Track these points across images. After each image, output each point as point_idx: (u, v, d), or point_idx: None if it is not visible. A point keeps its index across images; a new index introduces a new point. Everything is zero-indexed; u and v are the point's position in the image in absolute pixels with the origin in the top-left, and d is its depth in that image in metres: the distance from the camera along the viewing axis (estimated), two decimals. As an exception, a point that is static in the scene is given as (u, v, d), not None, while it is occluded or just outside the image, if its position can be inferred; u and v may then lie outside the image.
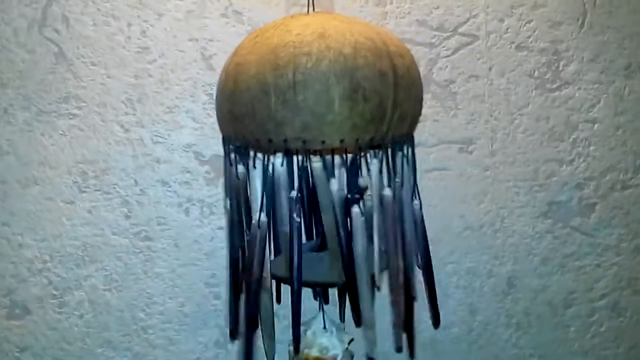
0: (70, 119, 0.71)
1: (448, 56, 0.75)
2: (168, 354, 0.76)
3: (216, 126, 0.73)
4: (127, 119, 0.72)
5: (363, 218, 0.50)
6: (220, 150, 0.74)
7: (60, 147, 0.72)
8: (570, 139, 0.79)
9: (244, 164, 0.52)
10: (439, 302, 0.61)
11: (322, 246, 0.59)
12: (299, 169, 0.52)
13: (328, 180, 0.49)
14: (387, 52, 0.47)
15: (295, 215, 0.48)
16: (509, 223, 0.79)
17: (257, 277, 0.50)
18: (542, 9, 0.76)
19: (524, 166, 0.78)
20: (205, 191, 0.74)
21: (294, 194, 0.49)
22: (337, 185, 0.49)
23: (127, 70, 0.71)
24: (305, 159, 0.49)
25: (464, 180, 0.78)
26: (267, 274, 0.51)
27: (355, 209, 0.50)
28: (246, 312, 0.52)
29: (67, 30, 0.70)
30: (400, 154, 0.52)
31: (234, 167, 0.53)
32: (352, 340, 0.62)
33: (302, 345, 0.57)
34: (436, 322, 0.60)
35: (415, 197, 0.55)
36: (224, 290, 0.76)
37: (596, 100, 0.78)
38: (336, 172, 0.52)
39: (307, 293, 0.70)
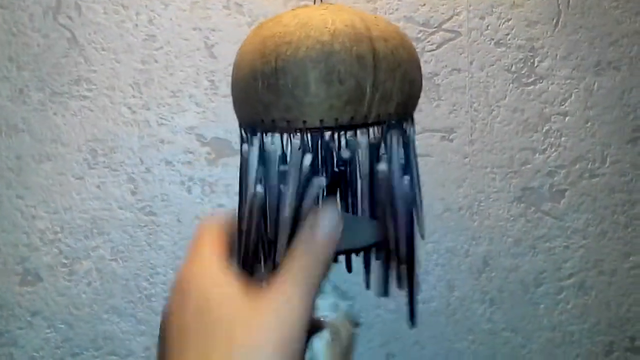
0: (81, 100, 0.77)
1: (432, 50, 0.81)
2: (169, 320, 0.82)
3: (217, 110, 0.79)
4: (134, 101, 0.78)
5: (320, 189, 0.54)
6: (220, 133, 0.79)
7: (72, 126, 0.77)
8: (544, 130, 0.85)
9: (247, 143, 0.58)
10: (420, 279, 0.66)
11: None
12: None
13: (303, 155, 0.54)
14: (369, 37, 0.51)
15: (282, 186, 0.53)
16: (486, 206, 0.86)
17: (254, 241, 0.56)
18: (519, 8, 0.81)
19: (501, 154, 0.85)
20: (207, 171, 0.80)
21: (283, 168, 0.54)
22: (310, 160, 0.54)
23: (134, 56, 0.77)
24: (291, 137, 0.54)
25: (445, 166, 0.84)
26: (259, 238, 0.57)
27: (314, 181, 0.54)
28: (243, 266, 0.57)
29: (79, 17, 0.75)
30: (390, 132, 0.57)
31: (240, 146, 0.58)
32: (351, 305, 0.66)
33: None
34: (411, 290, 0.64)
35: (407, 174, 0.59)
36: (221, 262, 0.82)
37: (568, 94, 0.84)
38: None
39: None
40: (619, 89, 0.85)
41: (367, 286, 0.71)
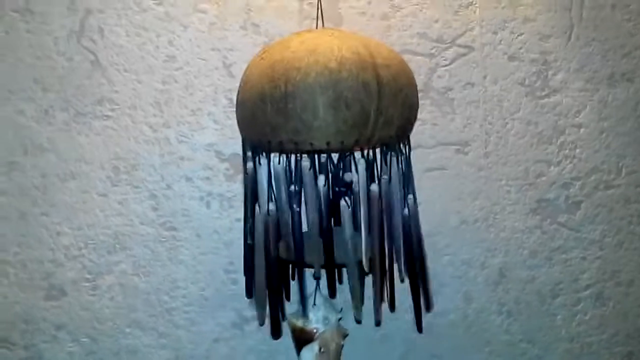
0: (104, 120, 0.79)
1: (446, 65, 0.82)
2: (190, 334, 0.84)
3: (235, 127, 0.80)
4: (155, 120, 0.80)
5: (350, 209, 0.57)
6: (238, 149, 0.81)
7: (95, 145, 0.79)
8: (558, 142, 0.85)
9: (252, 162, 0.60)
10: (436, 291, 0.67)
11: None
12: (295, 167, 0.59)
13: (316, 177, 0.56)
14: (373, 64, 0.53)
15: (295, 205, 0.56)
16: (501, 218, 0.86)
17: (275, 258, 0.58)
18: (532, 22, 0.82)
19: (515, 166, 0.85)
20: (225, 186, 0.81)
21: (294, 187, 0.56)
22: (324, 181, 0.56)
23: (155, 77, 0.79)
24: (298, 158, 0.56)
25: (460, 179, 0.84)
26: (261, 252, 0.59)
27: (342, 202, 0.57)
28: (267, 284, 0.59)
29: (102, 40, 0.78)
30: (390, 153, 0.59)
31: (245, 164, 0.61)
32: (340, 318, 0.68)
33: (292, 316, 0.65)
34: (427, 306, 0.65)
35: (409, 192, 0.60)
36: (240, 276, 0.82)
37: (582, 106, 0.85)
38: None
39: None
40: (633, 100, 0.86)
41: (361, 301, 0.72)
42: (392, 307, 0.62)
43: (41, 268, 0.81)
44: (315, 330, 0.65)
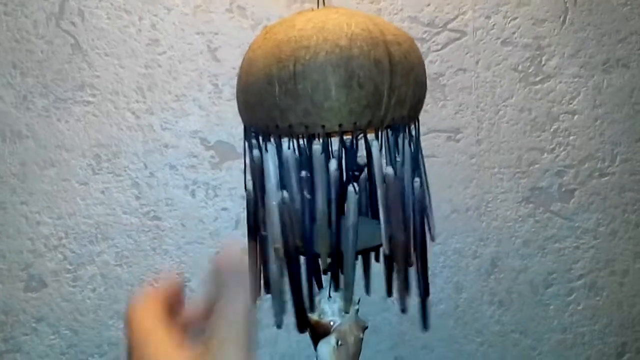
0: (85, 105, 0.77)
1: (438, 50, 0.80)
2: (174, 326, 0.82)
3: (221, 114, 0.78)
4: (137, 106, 0.77)
5: (357, 196, 0.55)
6: (224, 136, 0.79)
7: (76, 131, 0.77)
8: (552, 129, 0.84)
9: (259, 149, 0.57)
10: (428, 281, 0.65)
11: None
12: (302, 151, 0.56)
13: (327, 161, 0.53)
14: (384, 41, 0.51)
15: (306, 193, 0.53)
16: (493, 207, 0.85)
17: (294, 247, 0.55)
18: (526, 7, 0.81)
19: (508, 154, 0.84)
20: (210, 174, 0.79)
21: (305, 173, 0.53)
22: (335, 165, 0.54)
23: (138, 61, 0.76)
24: (309, 142, 0.53)
25: (452, 166, 0.83)
26: (278, 244, 0.56)
27: (350, 188, 0.54)
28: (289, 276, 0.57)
29: (82, 23, 0.75)
30: (402, 135, 0.56)
31: (251, 152, 0.57)
32: (357, 310, 0.66)
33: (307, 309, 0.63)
34: (425, 293, 0.63)
35: (417, 176, 0.58)
36: (226, 266, 0.81)
37: (576, 93, 0.83)
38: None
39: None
40: (629, 87, 0.84)
41: (367, 292, 0.71)
42: (423, 300, 0.61)
43: (20, 258, 0.78)
44: (331, 323, 0.63)
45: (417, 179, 0.57)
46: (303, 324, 0.59)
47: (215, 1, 0.76)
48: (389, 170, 0.54)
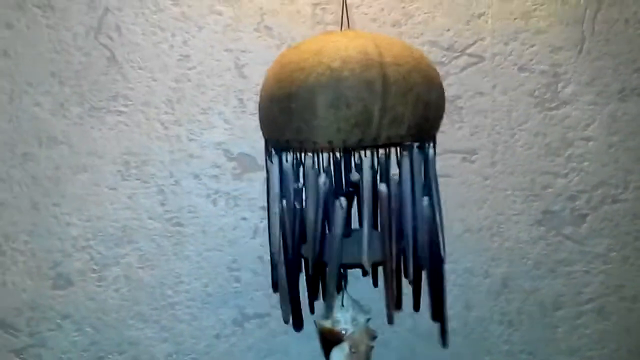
0: (118, 115, 0.81)
1: (456, 74, 0.83)
2: (191, 329, 0.85)
3: (244, 127, 0.82)
4: (166, 117, 0.81)
5: (343, 211, 0.58)
6: (246, 148, 0.82)
7: (108, 139, 0.81)
8: (566, 154, 0.85)
9: (268, 160, 0.62)
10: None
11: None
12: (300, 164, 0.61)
13: (317, 175, 0.58)
14: (380, 63, 0.54)
15: (296, 203, 0.57)
16: (506, 228, 0.86)
17: (291, 252, 0.59)
18: (544, 34, 0.83)
19: (522, 177, 0.85)
20: (232, 185, 0.83)
21: (297, 185, 0.58)
22: (324, 179, 0.58)
23: (169, 75, 0.80)
24: (303, 156, 0.58)
25: (466, 187, 0.85)
26: (276, 249, 0.61)
27: (337, 202, 0.57)
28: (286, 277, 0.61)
29: (119, 38, 0.80)
30: (405, 153, 0.59)
31: (266, 163, 0.63)
32: (369, 319, 0.68)
33: (320, 318, 0.66)
34: (436, 317, 0.65)
35: (425, 195, 0.59)
36: (243, 274, 0.84)
37: (591, 120, 0.85)
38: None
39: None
40: (643, 116, 0.85)
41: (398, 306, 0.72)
42: (440, 317, 0.63)
43: (49, 257, 0.83)
44: (344, 332, 0.66)
45: (425, 198, 0.59)
46: (299, 322, 0.62)
47: (244, 21, 0.80)
48: (382, 187, 0.57)
